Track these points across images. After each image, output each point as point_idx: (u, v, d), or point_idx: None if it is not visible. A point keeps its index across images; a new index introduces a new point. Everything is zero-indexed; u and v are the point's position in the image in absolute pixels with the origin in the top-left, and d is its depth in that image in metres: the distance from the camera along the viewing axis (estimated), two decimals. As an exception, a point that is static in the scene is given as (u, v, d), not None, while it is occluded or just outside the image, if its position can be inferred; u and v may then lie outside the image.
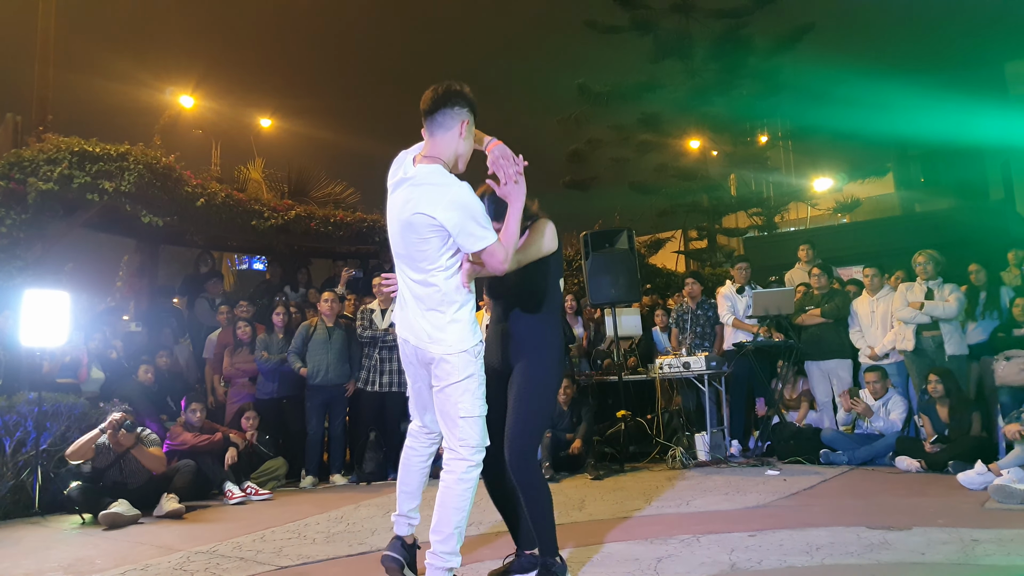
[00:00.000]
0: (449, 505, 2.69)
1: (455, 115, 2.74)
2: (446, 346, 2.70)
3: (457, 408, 2.70)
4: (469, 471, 2.71)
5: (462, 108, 2.75)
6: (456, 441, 2.72)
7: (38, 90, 8.76)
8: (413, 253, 2.74)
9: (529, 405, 2.90)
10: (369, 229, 9.19)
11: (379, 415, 6.94)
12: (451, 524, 2.69)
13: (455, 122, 2.74)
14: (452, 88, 2.75)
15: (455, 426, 2.71)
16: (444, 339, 2.70)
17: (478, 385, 2.74)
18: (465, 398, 2.70)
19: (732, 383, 7.22)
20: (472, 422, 2.71)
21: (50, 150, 6.76)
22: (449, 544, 2.69)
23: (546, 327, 3.02)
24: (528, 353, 2.96)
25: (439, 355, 2.70)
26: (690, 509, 4.59)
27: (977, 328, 6.45)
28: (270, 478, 6.50)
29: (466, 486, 2.70)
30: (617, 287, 6.74)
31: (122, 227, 8.34)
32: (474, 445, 2.72)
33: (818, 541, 3.49)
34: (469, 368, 2.70)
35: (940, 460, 5.60)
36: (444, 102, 2.74)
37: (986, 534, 3.51)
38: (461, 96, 2.75)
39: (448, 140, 2.75)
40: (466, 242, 2.66)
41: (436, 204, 2.63)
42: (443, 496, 2.71)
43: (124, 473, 5.41)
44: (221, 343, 7.54)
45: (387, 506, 5.24)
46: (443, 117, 2.74)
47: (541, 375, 2.94)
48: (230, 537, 4.35)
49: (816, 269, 7.29)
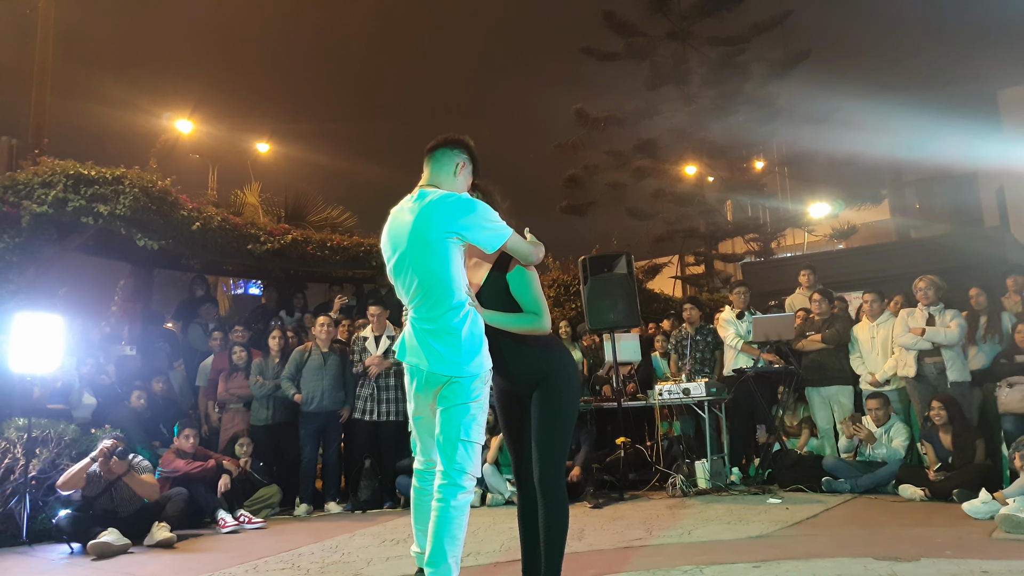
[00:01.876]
0: (443, 534, 2.65)
1: (453, 156, 2.96)
2: (457, 369, 2.74)
3: (459, 431, 2.71)
4: (462, 498, 2.69)
5: (461, 153, 2.97)
6: (452, 465, 2.70)
7: (34, 116, 8.76)
8: (426, 280, 2.78)
9: (555, 430, 2.87)
10: (366, 253, 9.14)
11: (374, 443, 6.84)
12: (447, 554, 2.65)
13: (452, 161, 2.95)
14: (456, 136, 2.99)
15: (454, 449, 2.70)
16: (456, 363, 2.74)
17: (482, 412, 2.76)
18: (467, 422, 2.72)
19: (732, 409, 7.14)
20: (470, 447, 2.72)
21: (45, 173, 6.72)
22: (446, 573, 2.64)
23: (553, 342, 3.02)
24: (544, 374, 2.92)
25: (451, 377, 2.74)
26: (692, 539, 4.50)
27: (979, 354, 6.40)
28: (264, 506, 6.39)
29: (460, 513, 2.68)
30: (616, 312, 6.68)
31: (117, 251, 8.29)
32: (469, 471, 2.72)
33: (824, 573, 3.41)
34: (476, 392, 2.75)
35: (944, 488, 5.52)
36: (445, 143, 2.97)
37: (996, 565, 3.44)
38: (462, 143, 2.99)
39: (442, 176, 2.94)
40: (485, 239, 2.79)
41: (451, 216, 2.76)
42: (437, 525, 2.67)
43: (115, 501, 5.30)
44: (215, 368, 7.45)
45: (383, 535, 5.14)
46: (441, 155, 2.96)
47: (562, 399, 2.92)
48: (222, 568, 4.25)
49: (817, 295, 7.25)
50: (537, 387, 2.91)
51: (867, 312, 6.96)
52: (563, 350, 3.09)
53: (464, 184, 2.99)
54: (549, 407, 2.89)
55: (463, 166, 2.97)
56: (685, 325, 7.89)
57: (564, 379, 2.93)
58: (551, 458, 2.86)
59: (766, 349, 7.03)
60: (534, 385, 2.92)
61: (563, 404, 2.92)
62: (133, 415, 6.53)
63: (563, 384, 2.93)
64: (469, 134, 3.01)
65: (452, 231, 2.76)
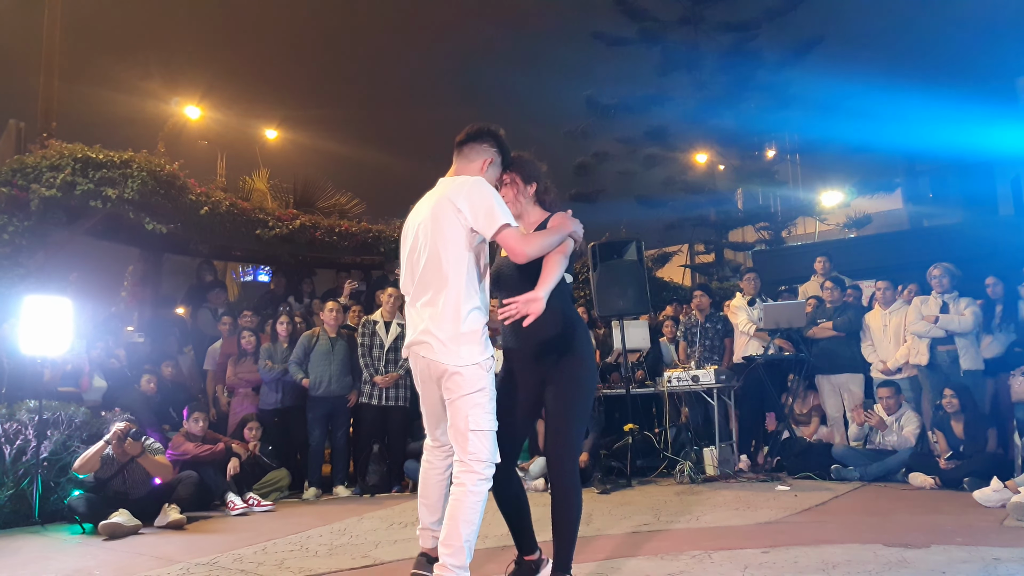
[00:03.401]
0: (459, 518, 2.66)
1: (481, 151, 2.96)
2: (458, 359, 2.72)
3: (467, 421, 2.71)
4: (479, 484, 2.69)
5: (490, 147, 2.97)
6: (466, 455, 2.71)
7: (43, 100, 8.75)
8: (432, 265, 2.79)
9: (572, 411, 2.89)
10: (374, 239, 9.14)
11: (383, 428, 6.85)
12: (460, 537, 2.64)
13: (479, 156, 2.95)
14: (486, 127, 2.98)
15: (465, 440, 2.71)
16: (457, 352, 2.73)
17: (489, 399, 2.75)
18: (475, 412, 2.72)
19: (742, 397, 7.11)
20: (481, 436, 2.71)
21: (53, 156, 6.72)
22: (459, 558, 2.64)
23: (576, 323, 2.99)
24: (565, 352, 2.92)
25: (452, 368, 2.73)
26: (700, 524, 4.49)
27: (993, 343, 6.34)
28: (273, 489, 6.42)
29: (476, 499, 2.67)
30: (625, 299, 6.64)
31: (125, 235, 8.31)
32: (484, 459, 2.71)
33: (834, 559, 3.39)
34: (480, 382, 2.73)
35: (955, 477, 5.49)
36: (474, 137, 2.97)
37: (1007, 553, 3.41)
38: (492, 136, 2.97)
39: (468, 170, 2.94)
40: (484, 223, 2.73)
41: (459, 195, 2.77)
42: (453, 508, 2.68)
43: (127, 483, 5.35)
44: (224, 353, 7.48)
45: (391, 519, 5.15)
46: (469, 150, 2.96)
47: (581, 380, 2.93)
48: (231, 549, 4.26)
49: (829, 282, 7.20)
50: (557, 363, 2.91)
51: (880, 300, 6.90)
52: (586, 329, 3.09)
53: (490, 180, 2.95)
54: (571, 384, 2.90)
55: (489, 162, 2.96)
56: (695, 312, 7.85)
57: (586, 358, 2.97)
58: (568, 438, 2.87)
59: (777, 336, 6.98)
60: (555, 360, 2.91)
61: (584, 383, 2.94)
62: (143, 399, 6.56)
63: (585, 363, 2.95)
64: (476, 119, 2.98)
65: (456, 208, 2.76)
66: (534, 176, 3.11)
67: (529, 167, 3.12)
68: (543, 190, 3.13)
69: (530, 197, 3.11)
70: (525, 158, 3.14)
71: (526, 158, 3.14)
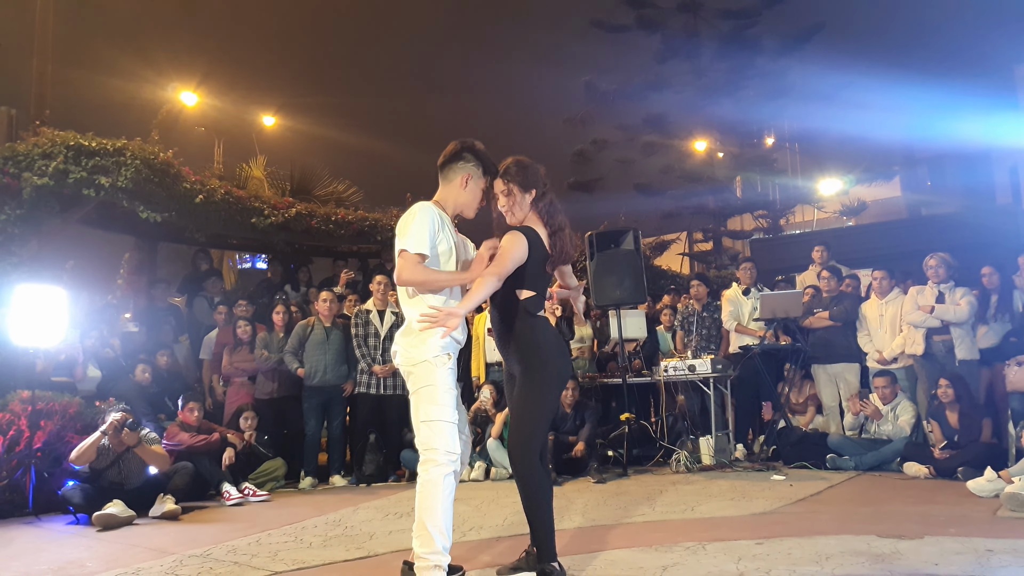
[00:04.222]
0: (421, 505, 2.83)
1: (459, 169, 3.09)
2: (409, 358, 2.95)
3: (419, 413, 2.92)
4: (434, 471, 2.85)
5: (467, 163, 3.09)
6: (421, 444, 2.91)
7: (36, 85, 8.67)
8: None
9: (524, 404, 3.04)
10: (371, 228, 9.09)
11: (379, 417, 6.84)
12: (425, 525, 2.79)
13: (457, 175, 3.09)
14: (463, 145, 3.11)
15: (418, 431, 2.92)
16: (409, 352, 2.96)
17: (441, 393, 2.90)
18: (423, 404, 2.90)
19: (738, 386, 7.10)
20: (432, 426, 2.88)
21: (45, 144, 6.66)
22: (429, 545, 2.77)
23: (532, 327, 3.07)
24: (522, 354, 3.08)
25: (404, 367, 2.99)
26: (695, 515, 4.49)
27: (988, 332, 6.33)
28: (269, 479, 6.42)
29: (432, 487, 2.83)
30: (622, 288, 6.62)
31: (120, 224, 8.27)
32: (436, 447, 2.87)
33: (827, 550, 3.39)
34: (428, 378, 2.91)
35: (949, 467, 5.49)
36: (452, 158, 3.10)
37: (1000, 544, 3.41)
38: (468, 150, 3.10)
39: (450, 190, 3.11)
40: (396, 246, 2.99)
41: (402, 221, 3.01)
42: (417, 499, 2.86)
43: (123, 473, 5.34)
44: (220, 342, 7.45)
45: (386, 509, 5.15)
46: (448, 171, 3.11)
47: (534, 376, 3.05)
48: (225, 540, 4.26)
49: (825, 272, 7.18)
50: (519, 364, 3.10)
51: (876, 290, 6.88)
52: (548, 333, 3.14)
53: (474, 194, 3.13)
54: (528, 383, 3.06)
55: (468, 177, 3.09)
56: (692, 302, 7.83)
57: (545, 362, 3.06)
58: (517, 427, 3.04)
59: (773, 326, 6.97)
60: (516, 361, 3.11)
61: (539, 383, 3.05)
62: (138, 388, 6.54)
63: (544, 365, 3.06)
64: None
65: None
66: (533, 183, 3.10)
67: (526, 173, 3.10)
68: (539, 196, 3.12)
69: (528, 205, 3.11)
70: (524, 163, 3.12)
71: (524, 163, 3.12)
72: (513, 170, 3.09)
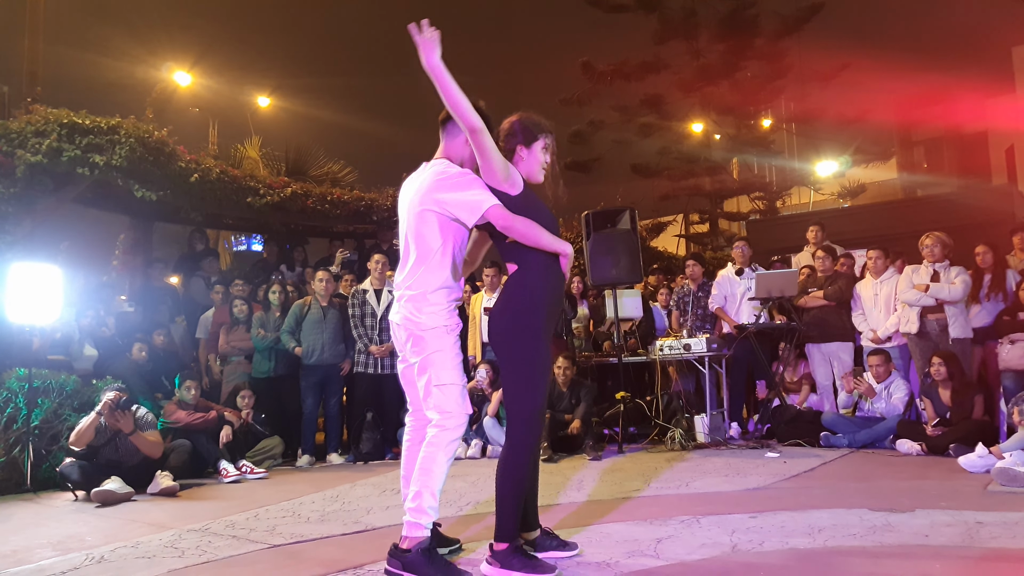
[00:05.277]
0: (421, 466, 2.84)
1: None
2: (420, 323, 2.90)
3: (431, 378, 2.87)
4: (442, 435, 2.84)
5: None
6: (434, 407, 2.88)
7: (28, 63, 8.58)
8: (412, 240, 2.97)
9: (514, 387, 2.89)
10: (367, 208, 9.07)
11: (377, 396, 6.86)
12: (418, 483, 2.82)
13: (461, 131, 2.94)
14: None
15: (431, 395, 2.88)
16: (418, 318, 2.90)
17: (452, 356, 2.90)
18: (435, 369, 2.87)
19: (733, 365, 7.14)
20: (444, 390, 2.86)
21: (38, 122, 6.61)
22: (416, 501, 2.81)
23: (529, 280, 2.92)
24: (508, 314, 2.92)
25: (416, 330, 2.90)
26: (690, 490, 4.53)
27: (982, 311, 6.36)
28: (266, 457, 6.45)
29: (433, 449, 2.83)
30: (618, 268, 6.63)
31: (115, 203, 8.23)
32: (450, 410, 2.85)
33: (820, 523, 3.43)
34: (440, 343, 2.88)
35: (941, 443, 5.54)
36: None
37: (990, 517, 3.45)
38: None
39: (455, 146, 3.06)
40: (464, 213, 2.85)
41: (434, 187, 2.90)
42: (420, 457, 2.87)
43: (119, 452, 5.35)
44: (216, 322, 7.46)
45: (383, 485, 5.19)
46: (451, 126, 3.01)
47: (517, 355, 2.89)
48: (223, 515, 4.29)
49: (821, 251, 7.19)
50: None
51: (871, 269, 6.91)
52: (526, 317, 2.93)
53: None
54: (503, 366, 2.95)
55: None
56: (687, 282, 7.86)
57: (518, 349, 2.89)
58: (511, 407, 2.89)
59: (768, 305, 7.00)
60: None
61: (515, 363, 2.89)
62: (134, 367, 6.55)
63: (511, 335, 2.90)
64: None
65: (433, 203, 2.88)
66: (533, 136, 3.05)
67: (528, 128, 3.05)
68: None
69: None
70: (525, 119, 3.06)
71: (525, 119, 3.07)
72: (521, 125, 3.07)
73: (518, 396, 2.85)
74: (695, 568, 2.81)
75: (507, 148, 3.03)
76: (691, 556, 2.96)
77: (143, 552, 3.45)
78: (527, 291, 2.90)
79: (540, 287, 2.90)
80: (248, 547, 3.48)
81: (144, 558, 3.33)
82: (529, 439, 2.84)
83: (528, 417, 2.83)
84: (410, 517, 2.81)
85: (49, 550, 3.58)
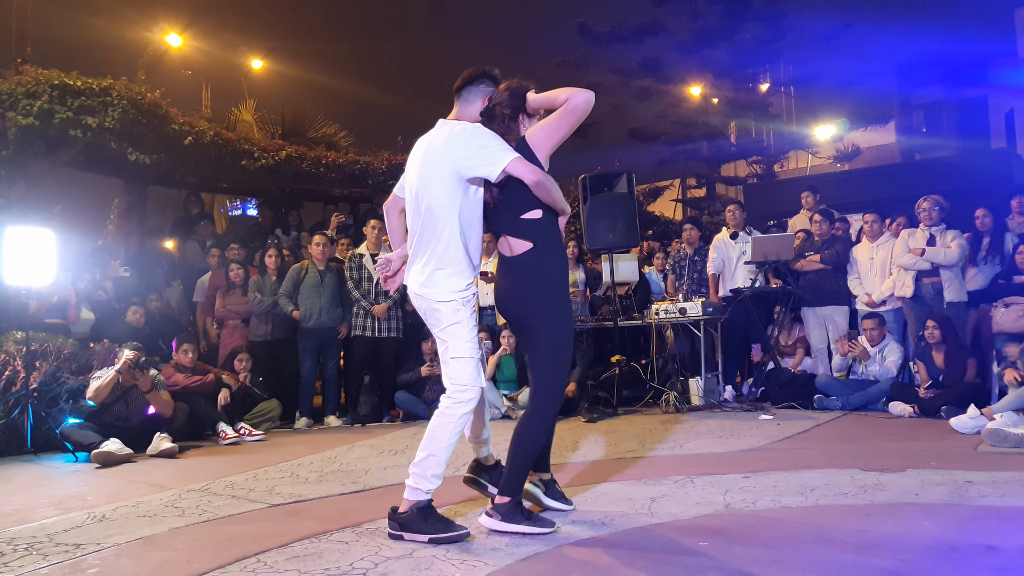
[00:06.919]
0: (431, 434, 2.87)
1: (479, 91, 3.04)
2: (436, 294, 2.89)
3: (448, 350, 2.91)
4: (453, 407, 2.87)
5: (487, 87, 3.05)
6: (450, 379, 2.91)
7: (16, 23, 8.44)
8: (427, 204, 2.90)
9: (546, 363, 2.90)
10: (362, 171, 9.01)
11: (374, 359, 6.90)
12: (426, 449, 2.85)
13: (477, 97, 3.03)
14: (481, 69, 3.08)
15: (446, 365, 2.93)
16: (435, 288, 2.89)
17: (468, 329, 2.90)
18: (453, 341, 2.89)
19: (728, 329, 7.18)
20: (460, 362, 2.88)
21: (29, 83, 6.52)
22: (421, 467, 2.84)
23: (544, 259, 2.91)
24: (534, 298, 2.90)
25: (432, 303, 2.91)
26: (684, 451, 4.58)
27: (978, 275, 6.38)
28: (264, 419, 6.50)
29: (444, 419, 2.86)
30: (615, 232, 6.62)
31: (109, 167, 8.16)
32: (464, 384, 2.87)
33: (812, 483, 3.48)
34: (457, 315, 2.88)
35: (933, 405, 5.61)
36: (471, 80, 3.05)
37: (980, 476, 3.51)
38: (487, 76, 3.07)
39: (471, 112, 3.04)
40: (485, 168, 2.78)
41: (455, 145, 2.86)
42: (430, 425, 2.91)
43: (129, 408, 5.41)
44: (213, 285, 7.46)
45: (381, 447, 5.23)
46: (468, 93, 3.04)
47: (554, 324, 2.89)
48: (223, 476, 4.34)
49: (817, 215, 7.18)
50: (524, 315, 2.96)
51: (867, 233, 6.91)
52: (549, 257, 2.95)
53: None
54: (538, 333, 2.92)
55: (488, 99, 3.04)
56: (684, 246, 7.85)
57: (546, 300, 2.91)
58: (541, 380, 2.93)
59: (765, 269, 7.01)
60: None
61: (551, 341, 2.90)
62: (131, 331, 6.56)
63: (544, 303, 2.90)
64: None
65: (455, 163, 2.83)
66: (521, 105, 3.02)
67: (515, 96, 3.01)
68: None
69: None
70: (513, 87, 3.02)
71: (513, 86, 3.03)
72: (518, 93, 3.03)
73: (550, 371, 2.89)
74: (689, 525, 2.86)
75: (512, 116, 3.00)
76: (685, 514, 3.01)
77: (144, 511, 3.50)
78: (555, 269, 2.94)
79: (563, 263, 3.00)
80: (248, 506, 3.52)
81: (145, 517, 3.38)
82: (554, 407, 2.94)
83: (556, 388, 2.92)
84: (412, 482, 2.84)
85: (51, 509, 3.63)
